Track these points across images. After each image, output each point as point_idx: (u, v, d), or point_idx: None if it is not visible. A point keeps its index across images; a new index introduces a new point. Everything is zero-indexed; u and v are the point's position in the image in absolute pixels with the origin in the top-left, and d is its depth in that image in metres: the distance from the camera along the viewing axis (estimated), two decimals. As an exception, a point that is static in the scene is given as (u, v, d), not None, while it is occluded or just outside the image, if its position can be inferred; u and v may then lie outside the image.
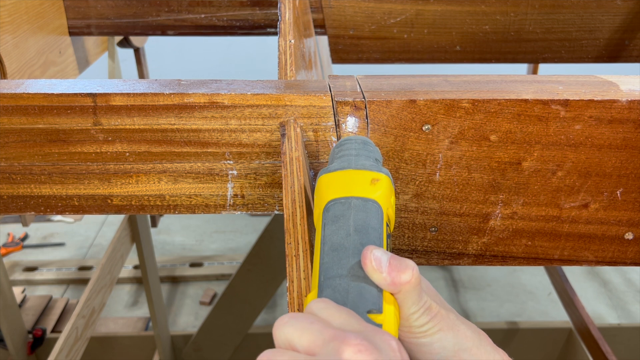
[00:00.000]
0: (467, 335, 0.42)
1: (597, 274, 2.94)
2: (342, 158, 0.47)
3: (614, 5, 1.17)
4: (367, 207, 0.42)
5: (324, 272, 0.39)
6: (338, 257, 0.39)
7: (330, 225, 0.42)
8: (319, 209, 0.44)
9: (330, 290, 0.38)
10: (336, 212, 0.42)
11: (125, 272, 2.85)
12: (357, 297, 0.37)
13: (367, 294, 0.38)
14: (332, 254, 0.40)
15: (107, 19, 1.22)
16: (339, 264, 0.39)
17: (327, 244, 0.41)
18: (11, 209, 0.61)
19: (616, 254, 0.61)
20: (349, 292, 0.38)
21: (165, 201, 0.60)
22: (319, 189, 0.45)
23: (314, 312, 0.35)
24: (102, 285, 1.65)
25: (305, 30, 0.91)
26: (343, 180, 0.44)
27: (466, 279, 2.89)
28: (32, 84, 0.58)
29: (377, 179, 0.44)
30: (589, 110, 0.54)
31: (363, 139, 0.50)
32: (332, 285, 0.38)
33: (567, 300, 1.93)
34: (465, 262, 0.61)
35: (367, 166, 0.45)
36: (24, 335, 1.94)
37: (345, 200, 0.43)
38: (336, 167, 0.46)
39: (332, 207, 0.43)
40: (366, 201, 0.43)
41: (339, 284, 0.38)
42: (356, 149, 0.48)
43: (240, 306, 2.09)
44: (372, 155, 0.48)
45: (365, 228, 0.41)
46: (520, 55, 1.23)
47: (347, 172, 0.45)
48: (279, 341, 0.34)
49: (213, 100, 0.55)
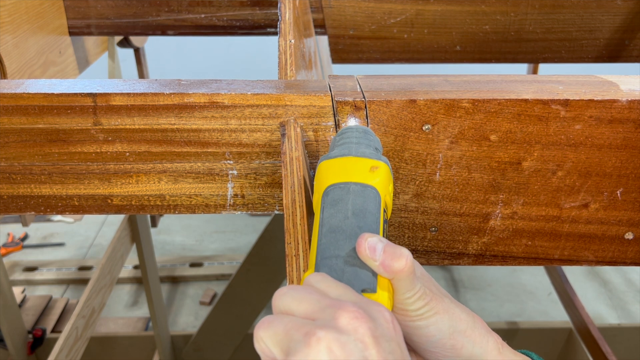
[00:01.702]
0: (462, 318, 0.43)
1: (597, 274, 2.94)
2: (342, 145, 0.48)
3: (614, 5, 1.17)
4: (365, 193, 0.43)
5: (321, 252, 0.40)
6: (335, 238, 0.41)
7: (329, 208, 0.43)
8: (318, 193, 0.45)
9: (326, 269, 0.39)
10: (335, 196, 0.43)
11: (125, 272, 2.85)
12: (352, 277, 0.39)
13: (362, 274, 0.39)
14: (329, 236, 0.41)
15: (107, 19, 1.22)
16: (336, 245, 0.40)
17: (325, 226, 0.42)
18: (11, 209, 0.61)
19: (616, 254, 0.61)
20: (344, 272, 0.39)
21: (165, 201, 0.60)
22: (319, 175, 0.46)
23: (312, 284, 0.37)
24: (102, 285, 1.65)
25: (305, 30, 0.91)
26: (343, 167, 0.45)
27: (466, 279, 2.89)
28: (32, 84, 0.58)
29: (376, 166, 0.45)
30: (589, 110, 0.54)
31: (364, 128, 0.51)
32: (328, 265, 0.40)
33: (567, 301, 1.93)
34: (465, 262, 0.61)
35: (366, 154, 0.46)
36: (24, 335, 1.94)
37: (344, 185, 0.44)
38: (336, 153, 0.47)
39: (331, 191, 0.44)
40: (365, 187, 0.44)
41: (335, 264, 0.39)
42: (357, 137, 0.49)
43: (240, 306, 2.09)
44: (372, 144, 0.49)
45: (363, 212, 0.42)
46: (520, 55, 1.23)
47: (347, 159, 0.46)
48: (278, 310, 0.36)
49: (213, 100, 0.55)
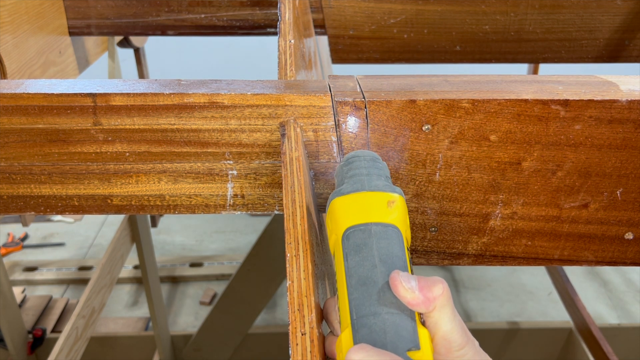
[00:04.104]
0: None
1: (597, 274, 2.94)
2: (353, 178, 0.47)
3: (614, 5, 1.17)
4: (387, 234, 0.42)
5: (356, 310, 0.39)
6: (368, 292, 0.40)
7: (353, 255, 0.42)
8: (335, 235, 0.44)
9: (366, 330, 0.38)
10: (357, 240, 0.42)
11: (125, 272, 2.85)
12: (395, 337, 0.38)
13: (404, 331, 0.38)
14: (361, 289, 0.40)
15: (107, 19, 1.22)
16: (370, 299, 0.39)
17: (354, 277, 0.41)
18: (11, 209, 0.61)
19: (616, 254, 0.61)
20: (386, 332, 0.38)
21: (165, 201, 0.60)
22: (333, 213, 0.45)
23: None
24: (102, 285, 1.65)
25: (305, 30, 0.91)
26: (358, 204, 0.44)
27: (466, 279, 2.89)
28: (32, 84, 0.58)
29: (393, 200, 0.44)
30: (588, 110, 0.54)
31: (371, 154, 0.49)
32: (367, 325, 0.39)
33: (568, 300, 1.93)
34: (465, 262, 0.61)
35: (380, 187, 0.45)
36: (24, 335, 1.94)
37: (364, 227, 0.42)
38: (349, 189, 0.45)
39: (352, 234, 0.43)
40: (386, 227, 0.43)
41: (374, 323, 0.38)
42: (366, 168, 0.47)
43: (240, 306, 2.09)
44: (382, 173, 0.48)
45: (390, 257, 0.41)
46: (520, 55, 1.23)
47: (362, 195, 0.44)
48: None
49: (213, 100, 0.55)
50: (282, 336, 2.32)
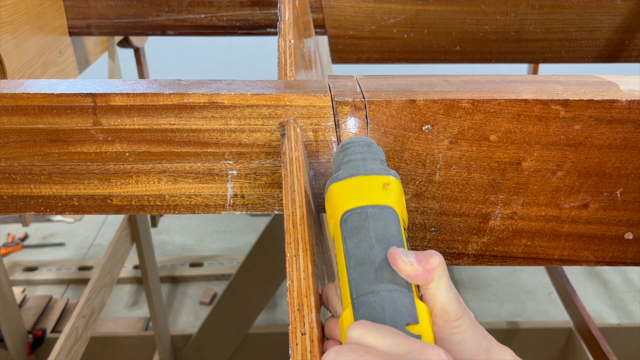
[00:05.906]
0: (484, 335, 0.43)
1: (597, 274, 2.94)
2: (349, 164, 0.47)
3: (614, 5, 1.17)
4: (384, 215, 0.43)
5: (355, 289, 0.40)
6: (366, 271, 0.41)
7: (351, 238, 0.43)
8: (334, 219, 0.45)
9: (366, 308, 0.39)
10: (354, 223, 0.43)
11: (125, 272, 2.85)
12: (393, 312, 0.39)
13: (402, 307, 0.39)
14: (359, 269, 0.41)
15: (107, 19, 1.22)
16: (368, 278, 0.40)
17: (352, 258, 0.42)
18: (11, 209, 0.61)
19: (616, 254, 0.61)
20: (384, 308, 0.39)
21: (165, 201, 0.60)
22: (331, 199, 0.46)
23: (357, 340, 0.37)
24: (102, 285, 1.65)
25: (305, 30, 0.91)
26: (355, 188, 0.45)
27: (466, 279, 2.89)
28: (32, 84, 0.58)
29: (388, 182, 0.45)
30: (588, 111, 0.54)
31: (366, 139, 0.50)
32: (366, 302, 0.40)
33: (568, 300, 1.93)
34: (465, 262, 0.61)
35: (375, 170, 0.46)
36: (24, 335, 1.94)
37: (361, 210, 0.43)
38: (345, 174, 0.46)
39: (349, 218, 0.44)
40: (382, 208, 0.43)
41: (373, 301, 0.39)
42: (361, 153, 0.48)
43: (240, 306, 2.09)
44: (377, 157, 0.48)
45: (387, 237, 0.42)
46: (520, 55, 1.23)
47: (358, 179, 0.45)
48: None
49: (213, 100, 0.55)
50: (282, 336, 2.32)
